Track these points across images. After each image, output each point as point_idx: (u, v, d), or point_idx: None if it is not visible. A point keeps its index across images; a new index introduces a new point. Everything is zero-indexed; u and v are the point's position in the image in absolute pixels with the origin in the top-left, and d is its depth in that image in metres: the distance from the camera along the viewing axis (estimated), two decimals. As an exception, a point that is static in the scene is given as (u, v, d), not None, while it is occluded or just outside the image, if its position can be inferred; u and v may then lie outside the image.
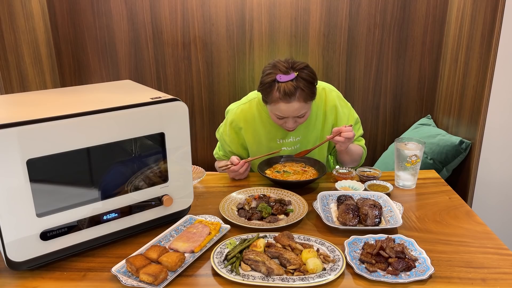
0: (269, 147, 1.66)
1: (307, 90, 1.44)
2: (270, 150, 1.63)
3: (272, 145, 1.66)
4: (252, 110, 1.66)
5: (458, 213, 1.30)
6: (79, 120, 0.99)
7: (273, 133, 1.65)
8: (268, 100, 1.49)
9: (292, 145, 1.67)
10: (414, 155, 1.43)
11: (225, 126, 1.71)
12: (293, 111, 1.46)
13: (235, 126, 1.67)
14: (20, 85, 2.15)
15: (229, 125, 1.68)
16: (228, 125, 1.68)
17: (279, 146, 1.66)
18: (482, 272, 1.01)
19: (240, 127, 1.67)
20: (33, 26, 2.21)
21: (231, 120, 1.68)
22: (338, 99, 1.67)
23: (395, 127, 2.47)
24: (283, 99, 1.43)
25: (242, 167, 1.52)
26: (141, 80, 2.42)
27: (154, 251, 1.04)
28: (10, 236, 0.96)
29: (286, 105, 1.45)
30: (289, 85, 1.42)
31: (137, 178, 1.14)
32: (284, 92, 1.42)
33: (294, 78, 1.43)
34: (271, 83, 1.45)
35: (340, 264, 1.01)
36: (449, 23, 2.22)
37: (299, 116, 1.50)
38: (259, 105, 1.64)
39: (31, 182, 0.95)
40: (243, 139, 1.69)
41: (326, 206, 1.31)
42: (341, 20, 2.27)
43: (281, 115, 1.49)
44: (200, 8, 2.28)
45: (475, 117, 1.93)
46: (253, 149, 1.69)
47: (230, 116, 1.69)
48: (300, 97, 1.44)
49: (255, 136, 1.67)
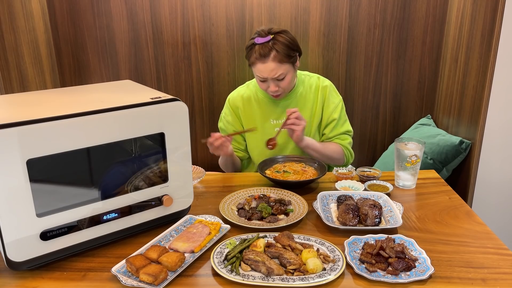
0: (263, 127, 1.75)
1: (282, 51, 1.56)
2: (264, 130, 1.74)
3: (266, 125, 1.75)
4: (249, 91, 1.79)
5: (458, 213, 1.30)
6: (79, 120, 0.99)
7: (267, 113, 1.75)
8: (249, 63, 1.63)
9: None
10: (414, 155, 1.43)
11: (225, 108, 1.82)
12: (270, 71, 1.57)
13: (233, 104, 1.79)
14: (20, 85, 2.15)
15: (228, 104, 1.80)
16: (228, 105, 1.81)
17: (273, 126, 1.75)
18: (482, 272, 1.01)
19: (237, 106, 1.78)
20: (33, 26, 2.21)
21: (229, 99, 1.81)
22: (330, 87, 1.77)
23: (395, 127, 2.47)
24: (259, 59, 1.57)
25: (216, 139, 1.53)
26: (141, 80, 2.42)
27: (154, 251, 1.04)
28: (10, 236, 0.96)
29: (263, 65, 1.57)
30: (264, 46, 1.56)
31: (137, 178, 1.14)
32: (259, 53, 1.56)
33: (269, 40, 1.57)
34: (251, 46, 1.61)
35: (340, 264, 1.01)
36: (449, 23, 2.22)
37: (278, 79, 1.60)
38: (255, 86, 1.78)
39: (31, 182, 0.95)
40: (241, 119, 1.79)
41: (326, 206, 1.31)
42: (341, 20, 2.27)
43: (260, 75, 1.60)
44: (200, 8, 2.28)
45: (475, 117, 1.93)
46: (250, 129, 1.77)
47: (230, 96, 1.82)
48: (274, 58, 1.56)
49: (251, 116, 1.77)
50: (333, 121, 1.74)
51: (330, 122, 1.75)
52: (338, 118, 1.73)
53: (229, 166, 1.79)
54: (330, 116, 1.74)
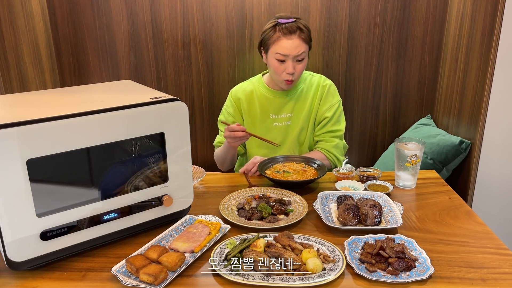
0: (262, 121, 1.78)
1: (306, 32, 1.63)
2: (263, 124, 1.77)
3: (266, 119, 1.78)
4: (251, 86, 1.82)
5: (458, 213, 1.30)
6: (79, 120, 0.99)
7: (266, 107, 1.78)
8: (270, 42, 1.64)
9: (284, 121, 1.78)
10: (414, 155, 1.43)
11: (227, 101, 1.86)
12: (295, 47, 1.59)
13: (235, 96, 1.83)
14: (20, 85, 2.15)
15: (230, 96, 1.85)
16: (230, 98, 1.85)
17: (271, 120, 1.77)
18: (482, 272, 1.01)
19: (239, 98, 1.81)
20: (33, 26, 2.21)
21: (232, 92, 1.85)
22: (331, 87, 1.79)
23: (395, 127, 2.47)
24: (285, 35, 1.59)
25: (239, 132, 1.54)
26: (141, 80, 2.42)
27: (154, 251, 1.04)
28: (10, 236, 0.96)
29: (288, 41, 1.59)
30: (291, 24, 1.61)
31: (137, 178, 1.14)
32: (285, 29, 1.60)
33: (293, 21, 1.62)
34: (273, 27, 1.64)
35: (340, 264, 1.01)
36: (449, 23, 2.22)
37: (298, 59, 1.62)
38: (257, 82, 1.82)
39: (31, 182, 0.95)
40: (241, 111, 1.82)
41: (326, 206, 1.31)
42: (341, 20, 2.27)
43: (283, 53, 1.60)
44: (200, 8, 2.28)
45: (475, 117, 1.93)
46: (248, 121, 1.81)
47: (232, 90, 1.87)
48: (300, 35, 1.60)
49: (251, 109, 1.80)
50: (325, 119, 1.76)
51: (322, 120, 1.77)
52: (330, 117, 1.75)
53: (228, 160, 1.79)
54: (324, 114, 1.77)
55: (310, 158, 1.61)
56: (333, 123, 1.76)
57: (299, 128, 1.77)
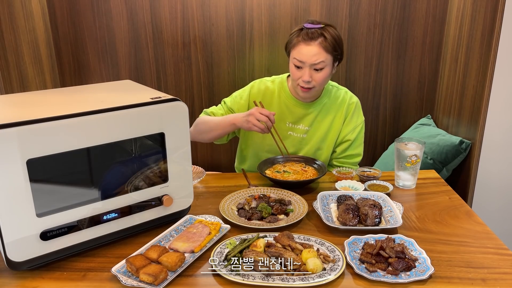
0: (277, 127, 1.65)
1: (329, 40, 1.51)
2: (278, 130, 1.64)
3: (281, 126, 1.68)
4: (273, 87, 1.71)
5: (458, 213, 1.30)
6: (79, 120, 0.99)
7: (285, 114, 1.68)
8: (291, 46, 1.56)
9: (300, 133, 1.69)
10: (414, 155, 1.43)
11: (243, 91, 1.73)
12: (312, 55, 1.50)
13: (254, 93, 1.70)
14: (20, 85, 2.15)
15: (250, 90, 1.71)
16: (249, 91, 1.71)
17: (286, 129, 1.69)
18: (482, 272, 1.01)
19: (257, 96, 1.69)
20: (33, 26, 2.21)
21: (254, 86, 1.72)
22: (357, 105, 1.70)
23: (395, 127, 2.47)
24: (304, 41, 1.51)
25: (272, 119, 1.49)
26: (141, 80, 2.42)
27: (154, 251, 1.04)
28: (10, 236, 0.96)
29: (306, 47, 1.50)
30: (314, 30, 1.52)
31: (137, 178, 1.14)
32: (306, 34, 1.51)
33: (320, 27, 1.52)
34: (298, 31, 1.56)
35: (340, 264, 1.01)
36: (449, 23, 2.22)
37: (316, 68, 1.52)
38: (280, 84, 1.70)
39: (31, 182, 0.95)
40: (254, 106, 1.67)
41: (326, 206, 1.31)
42: (341, 20, 2.27)
43: (299, 59, 1.52)
44: (200, 8, 2.28)
45: (475, 117, 1.93)
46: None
47: (254, 83, 1.73)
48: (321, 43, 1.50)
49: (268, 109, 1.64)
50: (347, 141, 1.68)
51: (344, 142, 1.69)
52: (353, 140, 1.67)
53: (214, 134, 1.66)
54: (347, 135, 1.67)
55: (310, 158, 1.61)
56: (356, 146, 1.69)
57: (315, 148, 1.68)
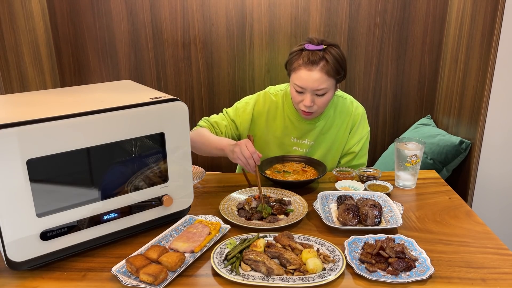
0: (281, 142, 1.65)
1: (332, 64, 1.44)
2: (282, 145, 1.63)
3: (285, 141, 1.65)
4: (277, 100, 1.65)
5: (458, 213, 1.30)
6: (79, 120, 0.99)
7: (290, 129, 1.64)
8: (291, 68, 1.49)
9: (305, 148, 1.66)
10: (414, 155, 1.43)
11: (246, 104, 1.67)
12: (313, 81, 1.43)
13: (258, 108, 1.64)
14: (20, 85, 2.15)
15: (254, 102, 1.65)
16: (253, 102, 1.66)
17: (291, 144, 1.66)
18: (482, 272, 1.01)
19: (260, 112, 1.64)
20: (33, 26, 2.21)
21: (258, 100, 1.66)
22: (363, 115, 1.66)
23: (395, 127, 2.47)
24: (305, 66, 1.44)
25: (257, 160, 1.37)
26: (141, 80, 2.42)
27: (154, 251, 1.04)
28: (10, 236, 0.96)
29: (307, 73, 1.44)
30: (315, 54, 1.44)
31: (137, 178, 1.14)
32: (307, 59, 1.43)
33: (321, 49, 1.44)
34: (298, 51, 1.48)
35: (340, 264, 1.01)
36: (449, 23, 2.22)
37: (318, 93, 1.46)
38: (284, 97, 1.65)
39: (31, 182, 0.95)
40: (255, 123, 1.65)
41: (326, 206, 1.31)
42: (341, 20, 2.27)
43: (300, 85, 1.46)
44: (200, 8, 2.28)
45: (475, 117, 1.93)
46: (263, 138, 1.65)
47: (259, 96, 1.67)
48: (323, 68, 1.43)
49: (273, 125, 1.65)
50: (352, 153, 1.66)
51: (349, 153, 1.67)
52: (357, 152, 1.66)
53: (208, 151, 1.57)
54: (352, 148, 1.65)
55: (310, 158, 1.61)
56: (360, 157, 1.67)
57: None
